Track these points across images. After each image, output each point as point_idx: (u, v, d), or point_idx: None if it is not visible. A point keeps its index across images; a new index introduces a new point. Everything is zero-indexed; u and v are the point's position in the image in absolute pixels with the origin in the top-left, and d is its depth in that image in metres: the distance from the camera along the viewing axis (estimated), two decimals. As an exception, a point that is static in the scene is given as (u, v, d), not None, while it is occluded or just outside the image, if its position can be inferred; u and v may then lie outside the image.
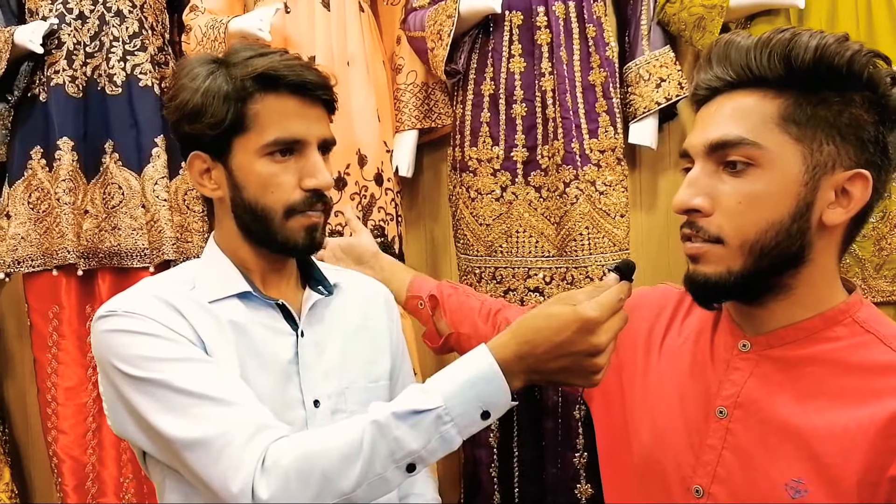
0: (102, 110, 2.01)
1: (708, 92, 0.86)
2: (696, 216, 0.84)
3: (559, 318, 0.82)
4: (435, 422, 0.83)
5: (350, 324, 1.13)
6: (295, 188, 1.01)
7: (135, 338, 0.95)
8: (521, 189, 1.89)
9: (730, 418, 0.87)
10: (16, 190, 2.05)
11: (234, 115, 0.99)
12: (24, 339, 2.37)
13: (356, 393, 1.08)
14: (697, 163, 0.84)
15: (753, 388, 0.87)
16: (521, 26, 1.87)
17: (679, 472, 0.89)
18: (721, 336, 0.92)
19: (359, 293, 1.17)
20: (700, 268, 0.84)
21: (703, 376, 0.91)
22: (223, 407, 0.90)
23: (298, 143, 1.02)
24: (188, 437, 0.90)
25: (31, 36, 1.94)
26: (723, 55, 0.84)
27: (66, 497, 2.13)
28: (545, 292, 1.87)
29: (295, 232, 1.02)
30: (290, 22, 1.97)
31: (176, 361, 0.93)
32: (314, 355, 1.06)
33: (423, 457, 0.84)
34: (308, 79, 1.01)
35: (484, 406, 0.83)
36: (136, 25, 2.03)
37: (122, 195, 2.02)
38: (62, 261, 2.01)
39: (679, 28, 1.96)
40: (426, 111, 2.13)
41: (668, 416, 0.92)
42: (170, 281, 1.05)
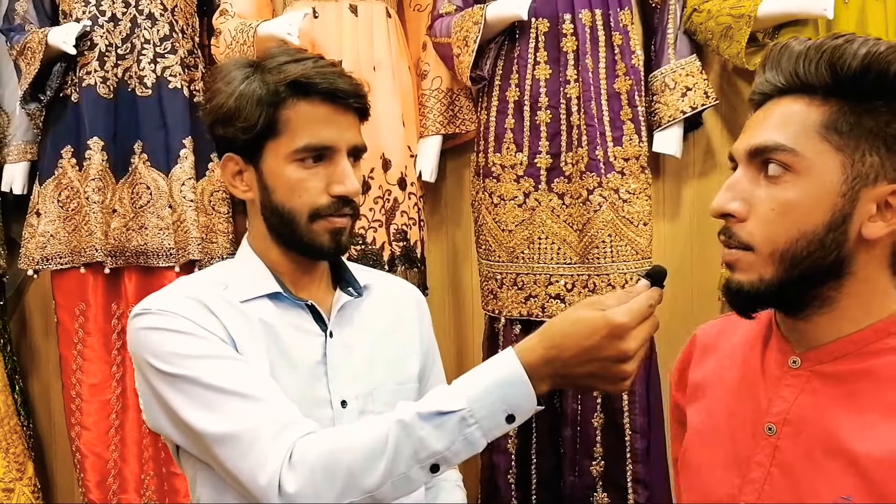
0: (132, 111, 2.05)
1: (760, 97, 0.85)
2: (731, 221, 0.82)
3: (588, 322, 0.81)
4: (459, 423, 0.83)
5: (379, 325, 1.14)
6: (322, 193, 1.03)
7: (167, 335, 0.97)
8: (544, 196, 1.89)
9: (778, 435, 0.85)
10: (46, 188, 2.09)
11: (266, 120, 1.01)
12: (50, 335, 2.41)
13: (384, 394, 1.09)
14: (740, 167, 0.83)
15: (803, 404, 0.84)
16: (547, 33, 1.88)
17: (726, 489, 0.88)
18: (771, 352, 0.90)
19: (389, 295, 1.18)
20: (735, 275, 0.82)
21: (753, 393, 0.89)
22: (252, 403, 0.92)
23: (328, 150, 1.03)
24: (217, 432, 0.92)
25: (65, 37, 1.98)
26: (775, 61, 0.82)
27: (87, 493, 2.15)
28: (566, 299, 1.86)
29: (320, 235, 1.03)
30: (318, 26, 1.99)
31: (207, 358, 0.96)
32: (343, 356, 1.08)
33: (446, 457, 0.85)
34: (340, 86, 1.02)
35: (509, 409, 0.82)
36: (167, 28, 2.07)
37: (149, 195, 2.05)
38: (90, 259, 2.05)
39: (706, 37, 1.95)
40: (450, 117, 2.14)
41: (716, 432, 0.91)
42: (203, 281, 1.07)
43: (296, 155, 1.02)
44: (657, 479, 1.90)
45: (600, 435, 1.88)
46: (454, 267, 2.37)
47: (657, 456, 1.91)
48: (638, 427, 1.86)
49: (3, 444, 2.16)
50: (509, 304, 1.93)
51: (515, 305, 1.92)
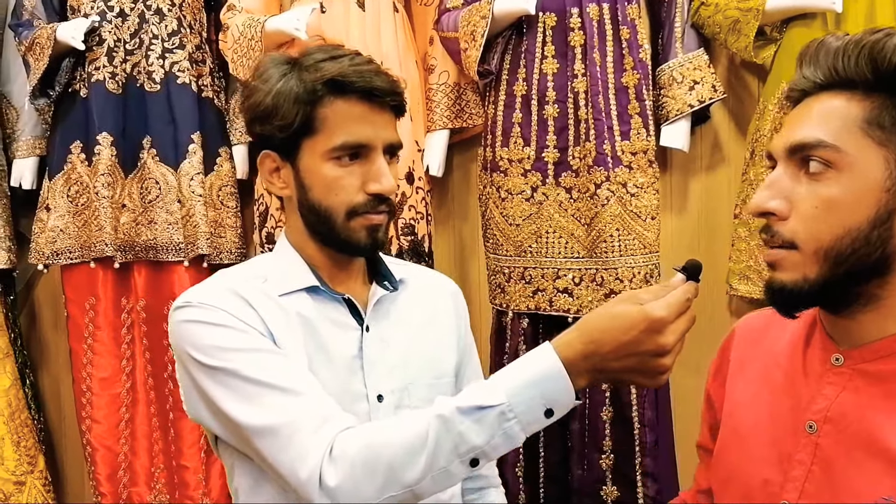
0: (141, 106, 2.06)
1: (798, 94, 0.84)
2: (772, 220, 0.81)
3: (626, 317, 0.81)
4: (498, 418, 0.83)
5: (416, 319, 1.14)
6: (359, 191, 1.03)
7: (208, 328, 0.98)
8: (551, 190, 1.89)
9: (819, 433, 0.84)
10: (55, 183, 2.10)
11: (303, 118, 1.01)
12: (60, 330, 2.43)
13: (420, 389, 1.09)
14: (779, 165, 0.82)
15: (845, 402, 0.83)
16: (554, 28, 1.88)
17: (766, 487, 0.87)
18: (814, 350, 0.89)
19: (426, 288, 1.18)
20: (777, 275, 0.81)
21: (795, 390, 0.89)
22: (291, 396, 0.93)
23: (364, 148, 1.03)
24: (258, 425, 0.93)
25: (74, 33, 1.99)
26: (812, 56, 0.82)
27: (98, 485, 2.17)
28: (574, 293, 1.87)
29: (356, 232, 1.04)
30: (325, 21, 1.99)
31: (247, 351, 0.96)
32: (379, 350, 1.08)
33: (486, 452, 0.85)
34: (376, 84, 1.02)
35: (548, 404, 0.83)
36: (175, 24, 2.07)
37: (158, 190, 2.06)
38: (99, 253, 2.06)
39: (713, 31, 1.95)
40: (457, 111, 2.15)
41: (756, 430, 0.91)
42: (243, 274, 1.08)
43: (332, 153, 1.02)
44: (666, 473, 1.90)
45: (609, 428, 1.88)
46: (461, 261, 2.37)
47: (665, 449, 1.91)
48: (647, 420, 1.87)
49: (15, 438, 2.18)
50: (517, 297, 1.93)
51: (523, 299, 1.93)
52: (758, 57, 1.93)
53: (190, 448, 2.10)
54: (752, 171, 1.91)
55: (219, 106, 2.18)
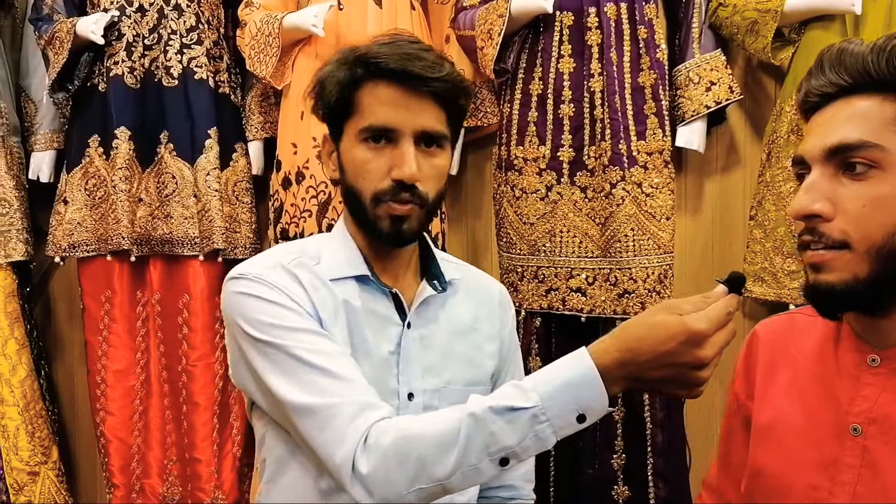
0: (159, 101, 2.07)
1: (820, 98, 0.85)
2: (817, 222, 0.81)
3: (665, 327, 0.80)
4: (531, 420, 0.83)
5: (459, 323, 1.12)
6: (385, 177, 1.01)
7: (260, 303, 0.99)
8: (566, 189, 1.89)
9: (865, 435, 0.84)
10: (73, 177, 2.12)
11: (343, 100, 1.03)
12: (74, 322, 2.45)
13: (452, 393, 1.07)
14: (815, 168, 0.82)
15: (887, 403, 0.84)
16: (571, 27, 1.88)
17: (814, 493, 0.87)
18: (845, 353, 0.90)
19: (475, 292, 1.16)
20: (823, 276, 0.81)
21: (832, 394, 0.89)
22: (335, 380, 0.94)
23: (392, 132, 1.01)
24: (299, 402, 0.94)
25: (93, 27, 2.00)
26: (836, 61, 0.83)
27: (111, 476, 2.19)
28: (587, 293, 1.87)
29: (381, 220, 1.02)
30: (342, 18, 2.00)
31: (296, 330, 0.97)
32: (417, 349, 1.07)
33: (517, 452, 0.85)
34: (410, 68, 0.99)
35: (580, 409, 0.82)
36: (194, 19, 2.08)
37: (175, 184, 2.07)
38: (116, 247, 2.08)
39: (731, 32, 1.95)
40: (473, 110, 2.15)
41: (794, 436, 0.90)
42: (298, 252, 1.08)
43: (362, 135, 1.02)
44: (677, 473, 1.90)
45: (621, 428, 1.88)
46: (474, 259, 2.38)
47: (677, 450, 1.91)
48: (658, 421, 1.86)
49: (29, 429, 2.20)
50: (530, 296, 1.93)
51: (536, 298, 1.93)
52: (775, 58, 1.92)
53: (203, 441, 2.11)
54: (768, 173, 1.90)
55: (235, 102, 2.19)
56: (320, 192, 1.99)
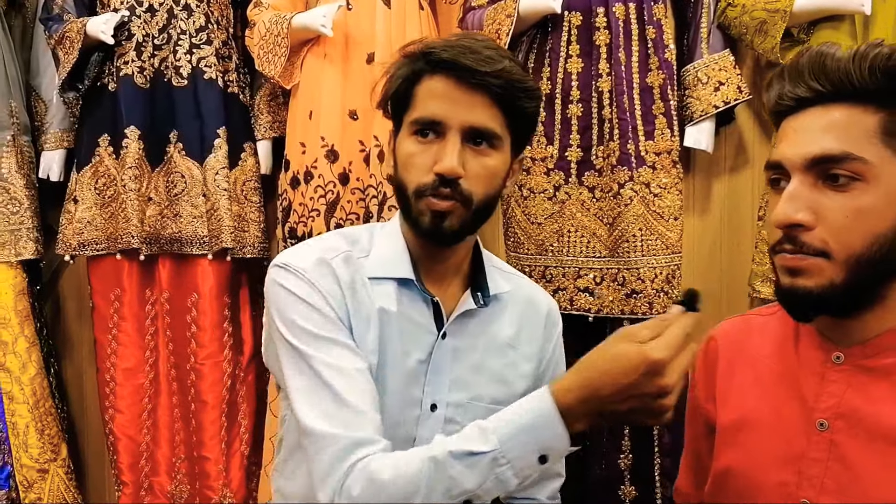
0: (168, 101, 2.08)
1: (795, 104, 0.84)
2: (799, 231, 0.82)
3: (625, 360, 0.80)
4: (490, 464, 0.84)
5: (497, 339, 1.10)
6: (428, 171, 0.99)
7: (295, 301, 1.00)
8: (574, 189, 1.89)
9: (832, 430, 0.86)
10: (83, 175, 2.13)
11: (403, 93, 1.02)
12: (83, 321, 2.46)
13: (476, 410, 1.06)
14: (795, 176, 0.83)
15: (853, 398, 0.86)
16: (579, 27, 1.88)
17: (782, 489, 0.88)
18: (808, 351, 0.91)
19: (521, 308, 1.14)
20: (801, 281, 0.82)
21: (797, 392, 0.91)
22: (341, 407, 0.94)
23: (439, 125, 0.99)
24: (304, 421, 0.95)
25: (104, 27, 2.01)
26: (817, 67, 0.82)
27: (120, 474, 2.20)
28: (595, 292, 1.87)
29: (422, 214, 1.00)
30: (351, 18, 2.01)
31: (321, 339, 0.98)
32: (448, 361, 1.06)
33: (478, 494, 0.85)
34: (461, 61, 0.98)
35: (541, 451, 0.83)
36: (203, 19, 2.09)
37: (184, 184, 2.08)
38: (126, 245, 2.08)
39: (740, 32, 1.94)
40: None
41: (761, 435, 0.92)
42: (350, 244, 1.07)
43: (412, 127, 1.01)
44: (684, 474, 1.90)
45: (628, 429, 1.88)
46: (481, 259, 2.38)
47: (684, 450, 1.91)
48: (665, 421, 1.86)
49: (39, 426, 2.21)
50: (537, 296, 1.94)
51: (543, 298, 1.93)
52: (784, 58, 1.92)
53: (211, 439, 2.12)
54: (776, 173, 1.90)
55: (244, 101, 2.20)
56: (328, 191, 2.00)
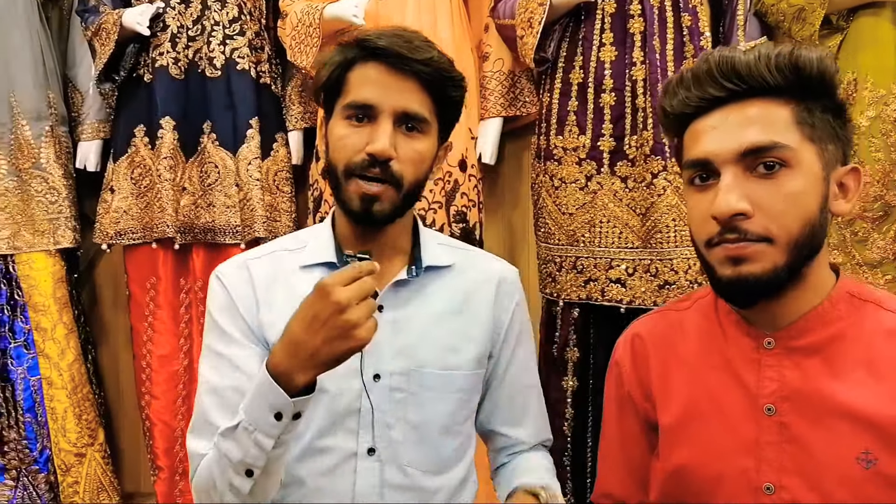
0: (202, 92, 2.10)
1: (706, 104, 0.90)
2: (740, 220, 0.86)
3: (306, 299, 0.91)
4: (244, 433, 0.94)
5: (441, 307, 1.14)
6: (360, 151, 1.04)
7: (210, 302, 1.13)
8: (606, 179, 1.87)
9: (779, 413, 0.91)
10: (119, 166, 2.16)
11: (336, 80, 1.08)
12: (119, 309, 2.50)
13: (423, 377, 1.10)
14: (727, 170, 0.88)
15: (792, 379, 0.91)
16: (613, 15, 1.86)
17: (743, 476, 0.92)
18: (738, 340, 0.96)
19: (471, 277, 1.18)
20: (747, 268, 0.87)
21: (736, 381, 0.95)
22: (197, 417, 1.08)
23: (371, 109, 1.04)
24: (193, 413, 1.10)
25: (139, 18, 2.04)
26: (728, 68, 0.88)
27: (156, 459, 2.24)
28: (627, 284, 1.86)
29: (352, 195, 1.05)
30: (382, 8, 2.01)
31: (212, 350, 1.10)
32: (389, 332, 1.09)
33: (249, 462, 0.96)
34: (397, 50, 1.03)
35: (272, 409, 0.92)
36: (236, 10, 2.11)
37: (217, 174, 2.10)
38: (161, 234, 2.11)
39: (777, 19, 1.91)
40: (511, 99, 2.14)
41: (710, 428, 0.95)
42: (295, 239, 1.17)
43: (345, 111, 1.07)
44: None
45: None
46: (511, 250, 2.38)
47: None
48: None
49: (77, 411, 2.26)
50: (568, 287, 1.93)
51: (574, 289, 1.92)
52: (823, 46, 1.88)
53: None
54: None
55: (276, 92, 2.21)
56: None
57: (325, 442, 1.08)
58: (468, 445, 1.19)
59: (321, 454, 1.08)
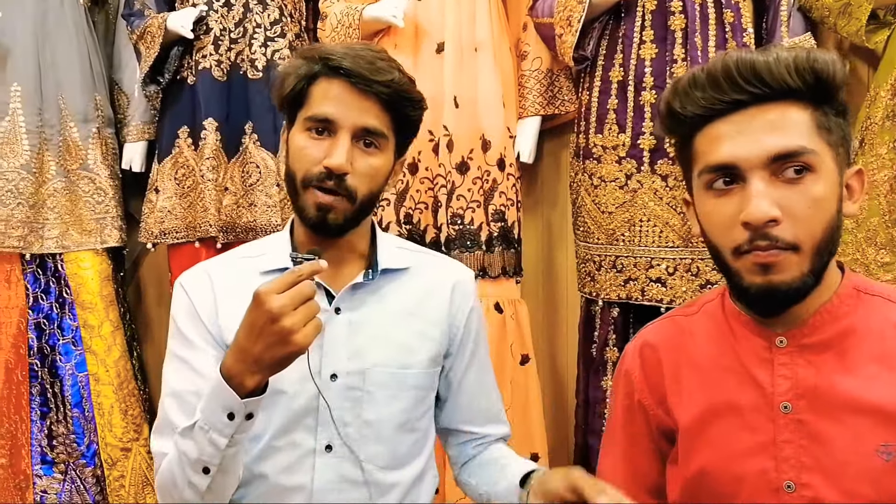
0: (244, 93, 2.13)
1: (724, 106, 0.89)
2: (771, 226, 0.86)
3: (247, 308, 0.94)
4: (199, 432, 0.98)
5: (397, 308, 1.18)
6: (318, 163, 1.08)
7: (173, 309, 1.17)
8: (646, 177, 1.86)
9: (795, 410, 0.92)
10: (164, 166, 2.21)
11: (299, 91, 1.11)
12: (163, 305, 2.55)
13: (379, 376, 1.15)
14: (755, 175, 0.87)
15: (806, 376, 0.92)
16: (654, 11, 1.84)
17: (763, 476, 0.92)
18: (748, 341, 0.97)
19: (426, 279, 1.23)
20: (776, 276, 0.87)
21: (750, 382, 0.95)
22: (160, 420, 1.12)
23: (331, 124, 1.09)
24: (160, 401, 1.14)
25: (183, 22, 2.07)
26: (748, 71, 0.87)
27: (198, 454, 2.28)
28: (667, 283, 1.84)
29: (308, 207, 1.10)
30: (420, 9, 2.02)
31: (173, 355, 1.14)
32: (345, 334, 1.14)
33: (204, 460, 0.99)
34: (356, 69, 1.07)
35: (225, 409, 0.96)
36: (277, 13, 2.14)
37: (258, 174, 2.13)
38: (204, 234, 2.15)
39: (822, 14, 1.87)
40: (550, 98, 2.14)
41: (727, 430, 0.96)
42: (256, 246, 1.22)
43: (306, 124, 1.10)
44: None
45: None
46: (548, 249, 2.37)
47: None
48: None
49: (123, 406, 2.31)
50: (607, 286, 1.92)
51: (614, 288, 1.91)
52: (870, 42, 1.84)
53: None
54: (860, 161, 1.83)
55: (316, 92, 2.23)
56: (397, 180, 2.02)
57: (284, 440, 1.12)
58: (426, 440, 1.23)
59: (280, 451, 1.12)
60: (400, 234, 2.00)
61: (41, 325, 2.28)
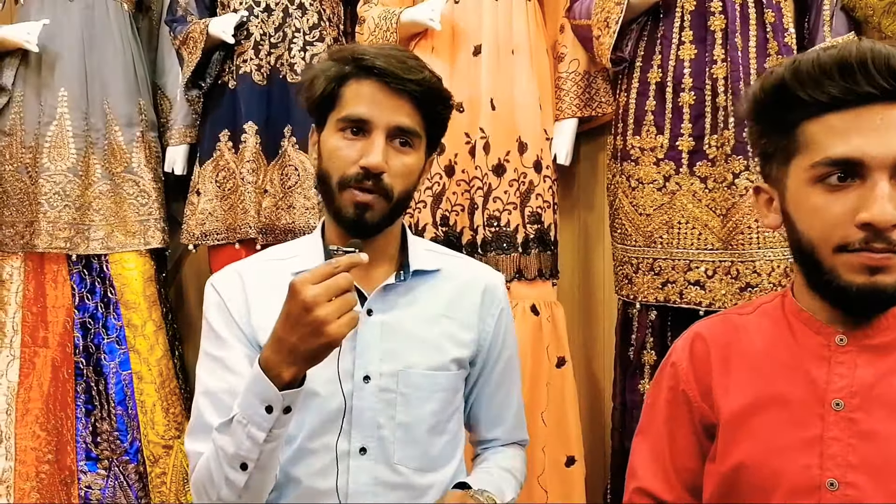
0: (284, 97, 2.16)
1: (853, 98, 0.85)
2: (891, 230, 0.84)
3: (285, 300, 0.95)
4: (238, 426, 0.98)
5: (430, 310, 1.19)
6: (354, 164, 1.09)
7: (206, 310, 1.18)
8: (685, 179, 1.84)
9: (848, 408, 0.91)
10: (205, 169, 2.25)
11: (330, 93, 1.11)
12: (204, 306, 2.59)
13: (411, 377, 1.15)
14: (881, 175, 0.84)
15: (864, 376, 0.91)
16: (693, 12, 1.82)
17: (805, 472, 0.91)
18: (808, 338, 0.96)
19: (457, 281, 1.23)
20: (883, 279, 0.86)
21: (804, 378, 0.94)
22: (196, 420, 1.13)
23: (366, 124, 1.10)
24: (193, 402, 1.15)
25: (224, 27, 2.11)
26: (882, 64, 0.84)
27: (237, 452, 2.31)
28: (706, 286, 1.82)
29: (346, 204, 1.11)
30: (458, 11, 2.03)
31: (207, 355, 1.15)
32: (377, 335, 1.15)
33: (243, 456, 0.99)
34: (389, 68, 1.08)
35: (263, 402, 0.96)
36: (316, 17, 2.17)
37: (297, 176, 2.16)
38: (244, 235, 2.19)
39: (866, 13, 1.84)
40: (587, 100, 2.13)
41: (773, 424, 0.95)
42: (278, 252, 1.23)
43: (339, 124, 1.11)
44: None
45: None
46: (585, 251, 2.36)
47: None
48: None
49: (164, 405, 2.36)
50: (645, 289, 1.90)
51: (651, 291, 1.90)
52: (916, 40, 1.81)
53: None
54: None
55: (353, 96, 2.26)
56: (434, 183, 2.03)
57: (317, 442, 1.12)
58: (457, 443, 1.24)
59: (314, 454, 1.13)
60: (436, 235, 2.01)
61: (87, 325, 2.34)
